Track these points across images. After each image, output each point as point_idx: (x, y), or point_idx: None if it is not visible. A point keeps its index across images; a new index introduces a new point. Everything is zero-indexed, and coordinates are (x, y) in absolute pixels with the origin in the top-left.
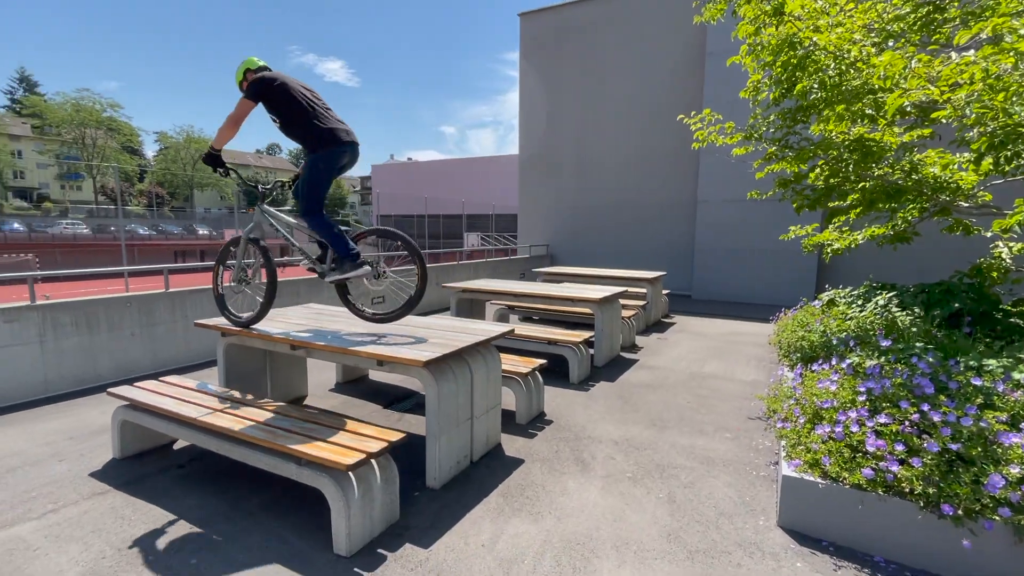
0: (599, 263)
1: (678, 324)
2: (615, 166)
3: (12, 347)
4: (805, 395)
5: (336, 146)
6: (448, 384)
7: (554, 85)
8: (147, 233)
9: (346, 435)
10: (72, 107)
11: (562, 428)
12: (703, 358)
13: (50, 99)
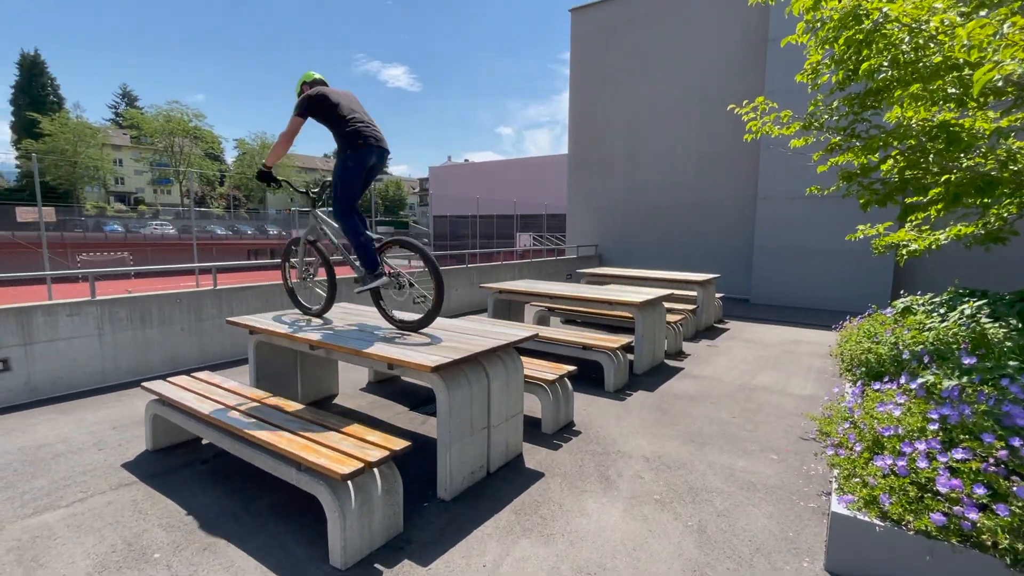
0: (650, 264)
1: (732, 330)
2: (668, 163)
3: (73, 339)
4: (864, 418)
5: (365, 147)
6: (461, 391)
7: (605, 81)
8: (224, 233)
9: (350, 441)
10: (163, 118)
11: (590, 440)
12: (755, 368)
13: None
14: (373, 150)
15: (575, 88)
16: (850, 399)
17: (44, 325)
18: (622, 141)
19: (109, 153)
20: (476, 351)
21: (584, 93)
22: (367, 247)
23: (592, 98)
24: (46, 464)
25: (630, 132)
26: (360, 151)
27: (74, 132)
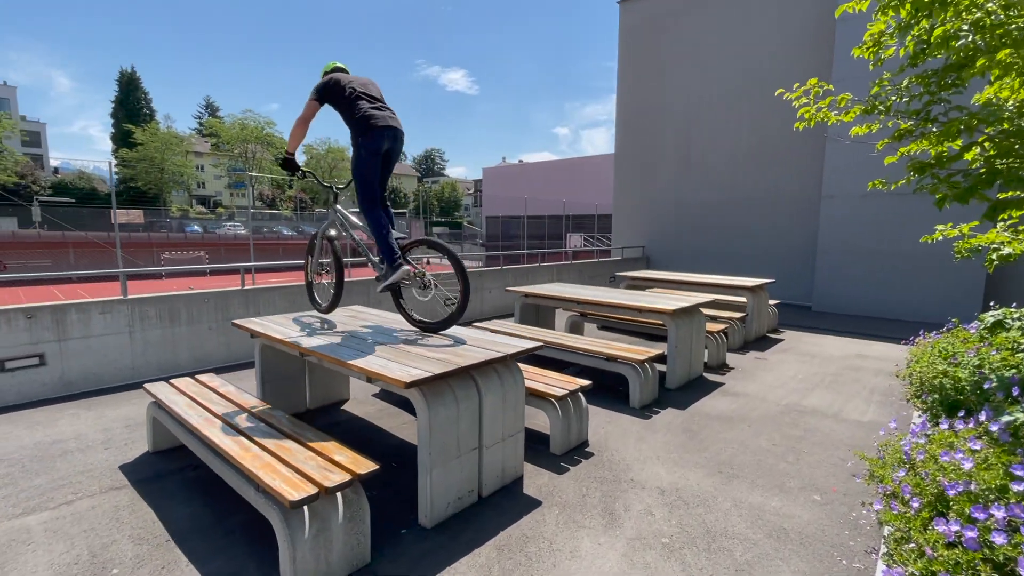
0: (701, 267)
1: (787, 341)
2: (723, 159)
3: (105, 336)
4: (926, 465)
5: (374, 130)
6: (445, 408)
7: (654, 74)
8: (290, 233)
9: (316, 461)
10: (239, 126)
11: (602, 464)
12: (807, 386)
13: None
14: (385, 133)
15: (623, 83)
16: (910, 438)
17: (78, 322)
18: (672, 137)
19: (192, 159)
20: (464, 364)
21: (632, 88)
22: (387, 238)
23: (640, 93)
24: (52, 462)
25: (680, 127)
26: (371, 136)
27: (162, 141)
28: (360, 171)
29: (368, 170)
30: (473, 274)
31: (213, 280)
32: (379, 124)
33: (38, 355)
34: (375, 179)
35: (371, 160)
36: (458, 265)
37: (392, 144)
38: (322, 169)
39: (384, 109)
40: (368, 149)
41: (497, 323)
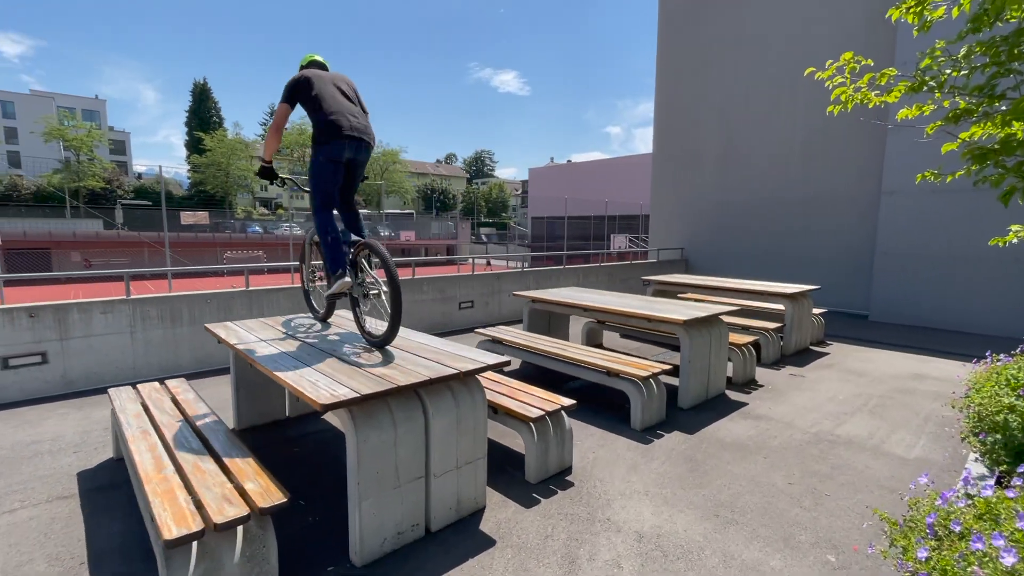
0: (744, 272)
1: (832, 355)
2: (769, 156)
3: (106, 336)
4: (955, 546)
5: (334, 139)
6: (378, 433)
7: (695, 67)
8: None
9: (223, 488)
10: (296, 131)
11: (579, 498)
12: (846, 411)
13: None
14: (345, 144)
15: (662, 76)
16: (947, 497)
17: (79, 322)
18: (714, 132)
19: (256, 164)
20: (405, 383)
21: (671, 81)
22: (334, 247)
23: (680, 87)
24: (18, 464)
25: (723, 121)
26: (331, 144)
27: (228, 147)
28: (314, 177)
29: (324, 179)
30: (491, 276)
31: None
32: (343, 133)
33: (40, 353)
34: (330, 187)
35: (328, 168)
36: (390, 274)
37: (355, 155)
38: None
39: (354, 116)
40: (326, 156)
41: (502, 329)
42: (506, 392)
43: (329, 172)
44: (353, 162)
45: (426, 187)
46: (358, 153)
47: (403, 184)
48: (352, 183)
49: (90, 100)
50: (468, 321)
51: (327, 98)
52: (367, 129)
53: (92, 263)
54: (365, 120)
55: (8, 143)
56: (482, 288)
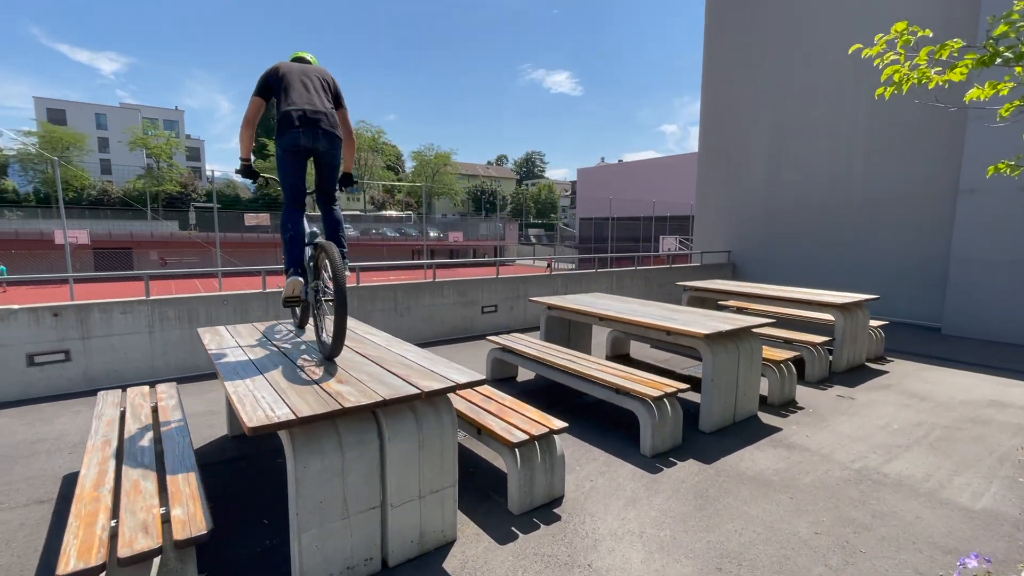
0: (796, 279)
1: (892, 374)
2: (826, 154)
3: (126, 335)
4: None
5: (289, 128)
6: (322, 458)
7: (745, 58)
8: (393, 235)
9: (139, 517)
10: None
11: (563, 536)
12: (900, 443)
13: None
14: (300, 132)
15: (709, 70)
16: None
17: (100, 321)
18: (766, 128)
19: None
20: (355, 404)
21: (718, 75)
22: (291, 244)
23: (728, 80)
24: (14, 463)
25: (775, 117)
26: (287, 134)
27: None
28: (279, 172)
29: (285, 171)
30: (516, 280)
31: None
32: (295, 121)
33: (64, 351)
34: (295, 180)
35: (286, 158)
36: (335, 279)
37: (314, 143)
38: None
39: (311, 105)
40: (282, 146)
41: (515, 337)
42: (495, 411)
43: (288, 163)
44: (316, 152)
45: (475, 189)
46: (316, 141)
47: (453, 186)
48: (325, 179)
49: (170, 111)
50: (491, 326)
51: (288, 90)
52: (325, 117)
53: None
54: (325, 108)
55: (101, 152)
56: (506, 292)
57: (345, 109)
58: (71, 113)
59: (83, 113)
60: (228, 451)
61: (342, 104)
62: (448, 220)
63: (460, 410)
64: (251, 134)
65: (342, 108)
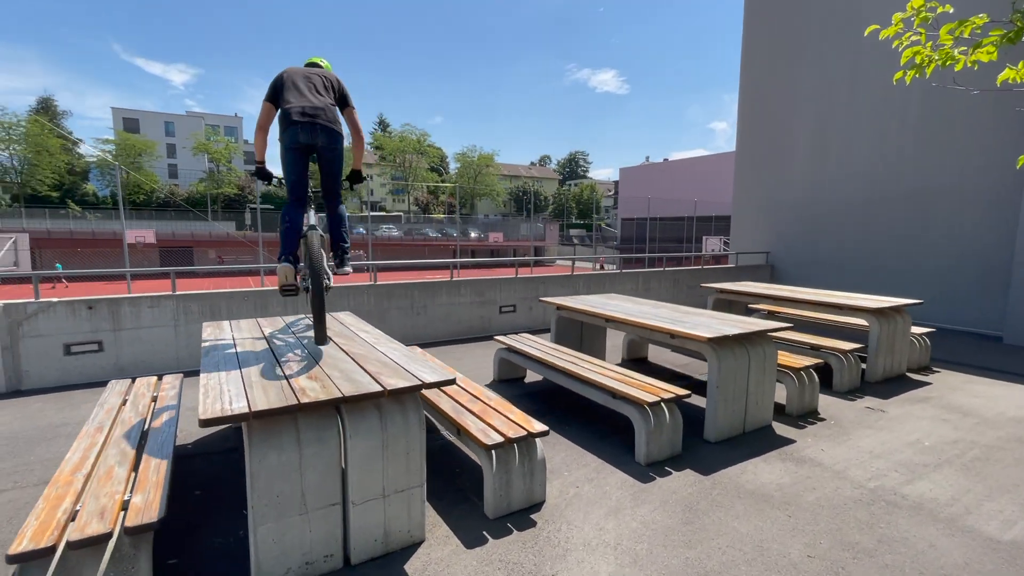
0: (839, 280)
1: (934, 386)
2: (874, 148)
3: (152, 328)
4: None
5: (289, 126)
6: (277, 453)
7: (787, 46)
8: (435, 235)
9: (111, 500)
10: (399, 138)
11: (533, 544)
12: (928, 462)
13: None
14: (298, 129)
15: (747, 61)
16: None
17: (130, 314)
18: (808, 121)
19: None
20: (311, 399)
21: (758, 68)
22: (286, 235)
23: (768, 71)
24: (35, 446)
25: (818, 109)
26: (286, 132)
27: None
28: (282, 169)
29: (286, 168)
30: (535, 280)
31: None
32: (292, 118)
33: (97, 342)
34: (295, 176)
35: (286, 156)
36: (312, 269)
37: (311, 139)
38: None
39: (309, 103)
40: (283, 143)
41: (522, 338)
42: (478, 411)
43: (289, 160)
44: (315, 149)
45: (517, 189)
46: (314, 138)
47: (495, 187)
48: (327, 175)
49: (230, 118)
50: (508, 326)
51: (290, 90)
52: (323, 113)
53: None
54: (323, 104)
55: (169, 157)
56: (525, 292)
57: (353, 108)
58: (143, 122)
59: (154, 121)
60: (230, 440)
61: (349, 103)
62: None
63: (444, 410)
64: (264, 138)
65: (349, 107)
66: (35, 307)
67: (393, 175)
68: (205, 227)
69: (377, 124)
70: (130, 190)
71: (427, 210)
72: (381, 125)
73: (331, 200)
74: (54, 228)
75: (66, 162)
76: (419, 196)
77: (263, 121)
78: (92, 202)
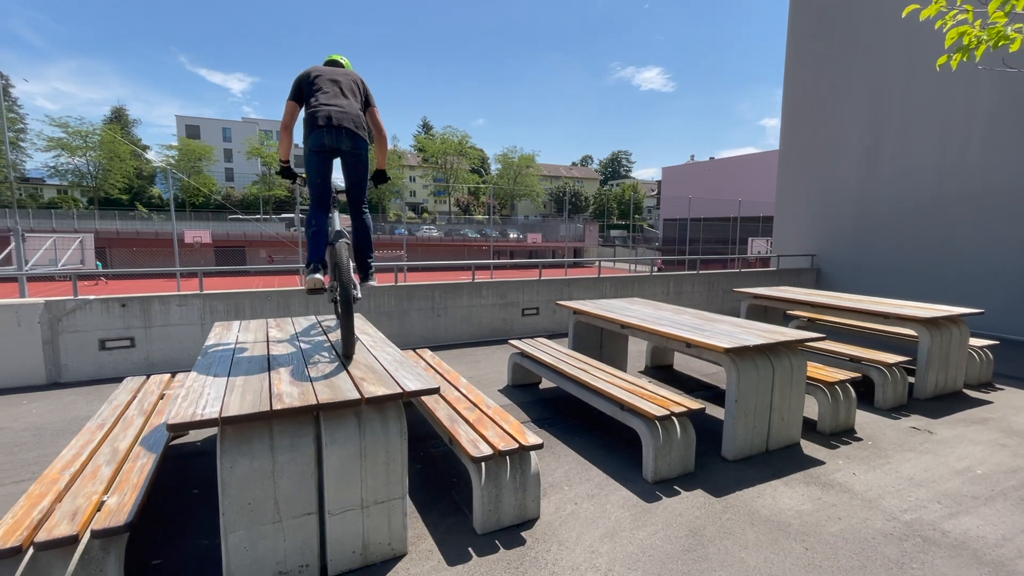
0: (893, 287)
1: (995, 405)
2: (934, 142)
3: (181, 326)
4: None
5: (314, 129)
6: (249, 459)
7: (837, 34)
8: (474, 236)
9: (87, 500)
10: (440, 140)
11: (519, 564)
12: (979, 493)
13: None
14: (324, 132)
15: (794, 50)
16: None
17: (160, 312)
18: (860, 114)
19: (406, 171)
20: (286, 406)
21: (805, 55)
22: (312, 240)
23: (816, 60)
24: (58, 438)
25: (872, 101)
26: (312, 135)
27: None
28: (306, 172)
29: (311, 171)
30: (559, 282)
31: None
32: (319, 122)
33: (129, 338)
34: (319, 179)
35: (311, 158)
36: (340, 279)
37: (337, 143)
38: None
39: (338, 106)
40: (308, 146)
41: (536, 343)
42: (473, 420)
43: (313, 163)
44: (340, 153)
45: (557, 190)
46: (340, 141)
47: (534, 187)
48: (351, 180)
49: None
50: (531, 329)
51: (317, 92)
52: (349, 117)
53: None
54: (351, 109)
55: (226, 162)
56: (549, 294)
57: (375, 108)
58: (204, 128)
59: (213, 128)
60: None
61: (372, 104)
62: (529, 221)
63: (439, 417)
64: (289, 138)
65: (371, 107)
66: (73, 304)
67: (435, 176)
68: (257, 228)
69: (421, 126)
70: (190, 193)
71: (467, 211)
72: (424, 127)
73: (356, 208)
74: (123, 228)
75: (135, 167)
76: (460, 197)
77: (287, 120)
78: (157, 204)
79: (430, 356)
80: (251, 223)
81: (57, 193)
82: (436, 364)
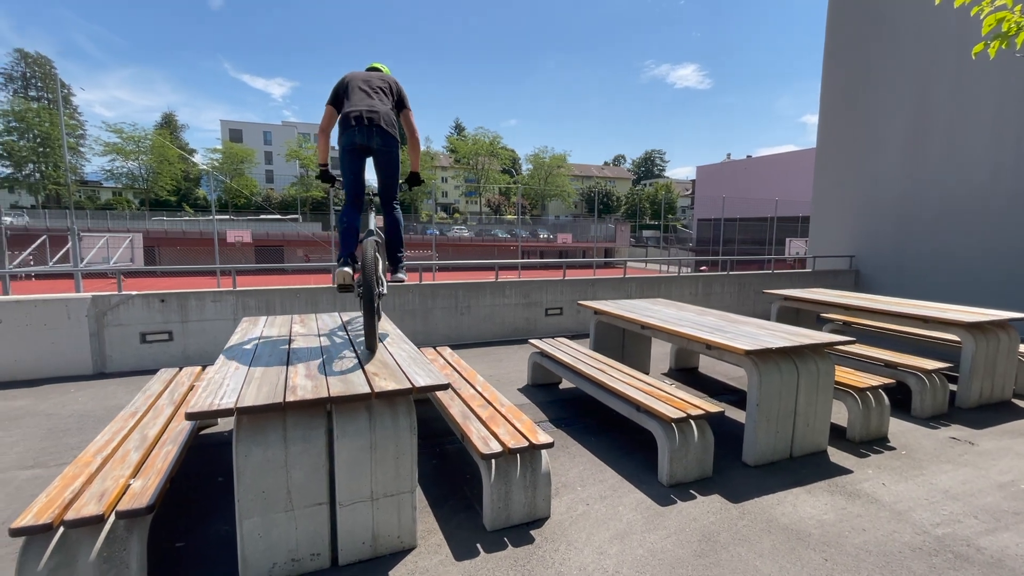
0: (939, 290)
1: None
2: (986, 135)
3: (215, 321)
4: None
5: (346, 129)
6: (263, 449)
7: (881, 21)
8: (504, 236)
9: (115, 483)
10: (471, 141)
11: (527, 562)
12: (1019, 509)
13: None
14: (354, 131)
15: (833, 40)
16: None
17: (195, 308)
18: (905, 107)
19: (438, 172)
20: (298, 398)
21: (845, 44)
22: (344, 236)
23: (857, 50)
24: (101, 423)
25: (917, 92)
26: (344, 134)
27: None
28: (341, 171)
29: (343, 169)
30: (584, 282)
31: None
32: (351, 121)
33: (167, 332)
34: (352, 177)
35: (343, 156)
36: (364, 276)
37: (367, 141)
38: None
39: (367, 106)
40: (341, 145)
41: (557, 343)
42: (486, 417)
43: (345, 161)
44: (370, 151)
45: (588, 190)
46: (369, 139)
47: (565, 187)
48: (382, 177)
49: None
50: (554, 329)
51: (349, 95)
52: (379, 116)
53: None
54: (380, 108)
55: (266, 164)
56: (573, 294)
57: (409, 110)
58: (246, 132)
59: (254, 131)
60: None
61: (406, 105)
62: (559, 222)
63: (453, 414)
64: (326, 141)
65: (405, 109)
66: (117, 299)
67: (466, 177)
68: (295, 228)
69: (454, 128)
70: (232, 195)
71: (498, 211)
72: (456, 128)
73: (387, 204)
74: (171, 228)
75: (182, 170)
76: (491, 197)
77: (325, 124)
78: (203, 205)
79: (449, 354)
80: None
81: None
82: (455, 362)
